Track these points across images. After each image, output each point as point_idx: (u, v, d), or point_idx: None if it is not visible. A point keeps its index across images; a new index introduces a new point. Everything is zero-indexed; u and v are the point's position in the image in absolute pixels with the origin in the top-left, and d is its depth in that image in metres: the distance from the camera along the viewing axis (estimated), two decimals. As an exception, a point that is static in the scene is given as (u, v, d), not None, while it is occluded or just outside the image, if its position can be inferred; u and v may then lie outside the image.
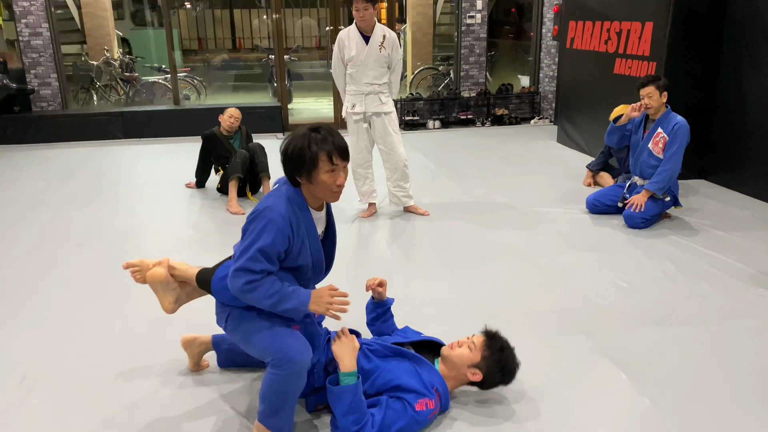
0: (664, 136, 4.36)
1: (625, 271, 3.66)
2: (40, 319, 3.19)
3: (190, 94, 10.44)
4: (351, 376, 2.15)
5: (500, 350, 2.28)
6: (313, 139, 2.07)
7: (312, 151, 2.06)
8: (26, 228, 4.66)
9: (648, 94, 4.34)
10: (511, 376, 2.32)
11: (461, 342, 2.32)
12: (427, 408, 2.17)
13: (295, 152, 2.07)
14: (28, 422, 2.34)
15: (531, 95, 9.24)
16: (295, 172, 2.11)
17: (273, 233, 2.03)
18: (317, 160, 2.07)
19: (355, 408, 2.10)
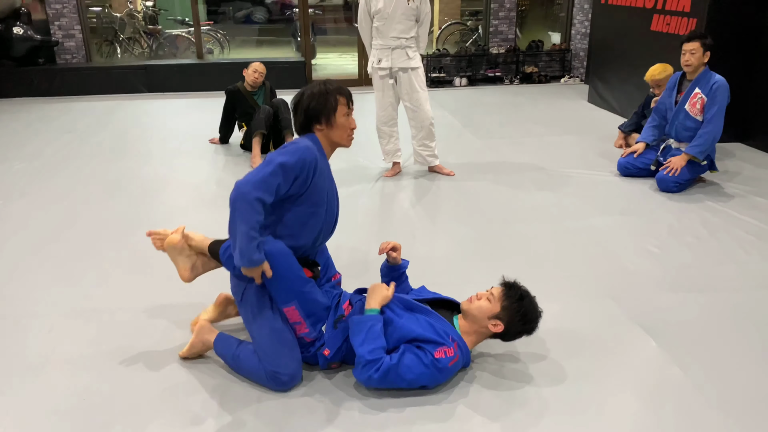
0: (702, 96, 4.18)
1: (657, 235, 3.56)
2: (66, 271, 3.22)
3: (213, 48, 10.34)
4: (374, 311, 2.20)
5: (520, 299, 2.25)
6: (329, 86, 2.27)
7: (332, 95, 2.25)
8: (52, 181, 4.68)
9: (691, 50, 4.14)
10: (534, 325, 2.28)
11: (480, 295, 2.30)
12: (446, 356, 2.15)
13: (314, 99, 2.24)
14: (59, 370, 2.37)
15: (562, 53, 8.96)
16: (314, 119, 2.26)
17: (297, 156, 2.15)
18: (337, 103, 2.25)
19: (372, 338, 2.13)
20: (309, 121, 2.27)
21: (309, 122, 2.27)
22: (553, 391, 2.23)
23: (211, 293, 2.85)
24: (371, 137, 5.12)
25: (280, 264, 2.16)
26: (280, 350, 2.19)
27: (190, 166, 5.03)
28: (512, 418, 2.10)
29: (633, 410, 2.13)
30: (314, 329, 2.26)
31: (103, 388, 2.28)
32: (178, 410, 2.16)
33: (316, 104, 2.24)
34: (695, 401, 2.17)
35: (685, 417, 2.10)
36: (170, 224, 3.79)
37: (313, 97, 2.24)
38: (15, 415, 2.14)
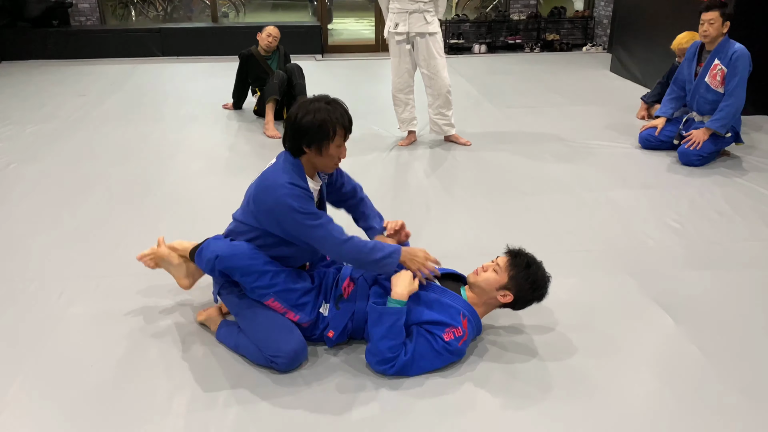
0: (722, 68, 4.03)
1: (678, 210, 3.46)
2: (78, 235, 3.20)
3: (228, 12, 10.19)
4: (399, 303, 2.11)
5: (527, 266, 2.18)
6: (332, 112, 2.10)
7: (333, 126, 2.10)
8: (66, 144, 4.66)
9: (710, 20, 3.98)
10: (543, 291, 2.22)
11: (486, 266, 2.24)
12: (455, 336, 2.12)
13: (316, 124, 2.08)
14: (67, 334, 2.36)
15: (585, 20, 8.72)
16: (308, 143, 2.11)
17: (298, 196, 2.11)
18: (335, 135, 2.11)
19: (394, 334, 2.08)
20: (300, 143, 2.12)
21: (300, 144, 2.13)
22: (563, 366, 2.19)
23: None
24: (386, 105, 5.02)
25: (241, 264, 2.13)
26: (274, 334, 2.14)
27: (202, 132, 4.98)
28: (519, 392, 2.06)
29: (647, 389, 2.08)
30: (304, 314, 2.20)
31: (112, 353, 2.27)
32: (186, 376, 2.14)
33: (315, 131, 2.08)
34: (714, 381, 2.11)
35: (703, 398, 2.04)
36: (184, 190, 3.78)
37: (314, 123, 2.07)
38: (23, 379, 2.13)
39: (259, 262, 2.15)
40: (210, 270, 2.20)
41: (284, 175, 2.12)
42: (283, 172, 2.14)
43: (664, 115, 4.44)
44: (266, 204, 2.12)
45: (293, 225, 2.11)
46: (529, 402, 2.03)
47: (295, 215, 2.09)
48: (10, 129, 5.02)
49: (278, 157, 2.22)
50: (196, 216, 3.43)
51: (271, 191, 2.10)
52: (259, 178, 2.18)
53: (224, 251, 2.15)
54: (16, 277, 2.80)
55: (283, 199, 2.08)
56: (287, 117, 2.15)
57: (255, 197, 2.16)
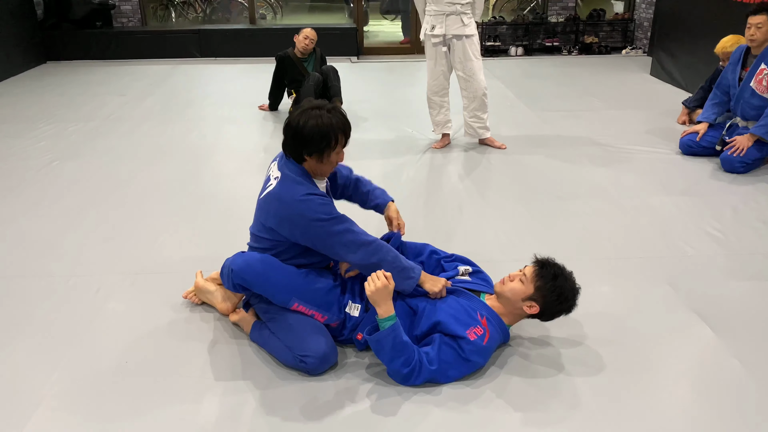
0: None
1: (720, 219, 3.36)
2: (115, 232, 3.26)
3: (266, 14, 10.30)
4: (389, 320, 2.03)
5: (554, 278, 2.11)
6: (333, 120, 2.10)
7: (335, 133, 2.10)
8: (106, 142, 4.76)
9: (757, 24, 3.86)
10: (571, 303, 2.15)
11: (512, 276, 2.18)
12: (477, 335, 2.08)
13: (317, 132, 2.08)
14: (103, 330, 2.40)
15: (624, 22, 8.55)
16: (310, 151, 2.11)
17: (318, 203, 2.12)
18: (337, 142, 2.12)
19: (399, 350, 2.02)
20: (302, 151, 2.12)
21: (302, 152, 2.12)
22: (593, 381, 2.13)
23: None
24: (421, 107, 5.01)
25: (256, 274, 2.13)
26: (304, 334, 2.13)
27: (239, 132, 5.04)
28: (544, 407, 2.02)
29: (684, 406, 2.02)
30: (331, 314, 2.19)
31: (146, 349, 2.30)
32: (219, 374, 2.16)
33: (317, 140, 2.08)
34: (756, 397, 2.04)
35: (746, 414, 1.97)
36: (219, 190, 3.82)
37: (316, 130, 2.07)
38: (60, 373, 2.18)
39: (274, 270, 2.15)
40: (231, 286, 2.21)
41: (299, 187, 2.12)
42: (296, 183, 2.13)
43: (707, 120, 4.32)
44: (289, 219, 2.11)
45: (319, 234, 2.11)
46: (555, 418, 1.98)
47: (321, 224, 2.09)
48: (54, 127, 5.16)
49: (281, 169, 2.20)
50: (231, 215, 3.46)
51: (293, 206, 2.10)
52: (273, 196, 2.15)
53: (238, 264, 2.15)
54: (55, 272, 2.86)
55: (306, 212, 2.08)
56: (286, 124, 2.14)
57: (276, 214, 2.14)
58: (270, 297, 2.17)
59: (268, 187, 2.22)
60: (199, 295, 2.56)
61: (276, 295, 2.16)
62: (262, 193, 2.24)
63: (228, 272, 2.19)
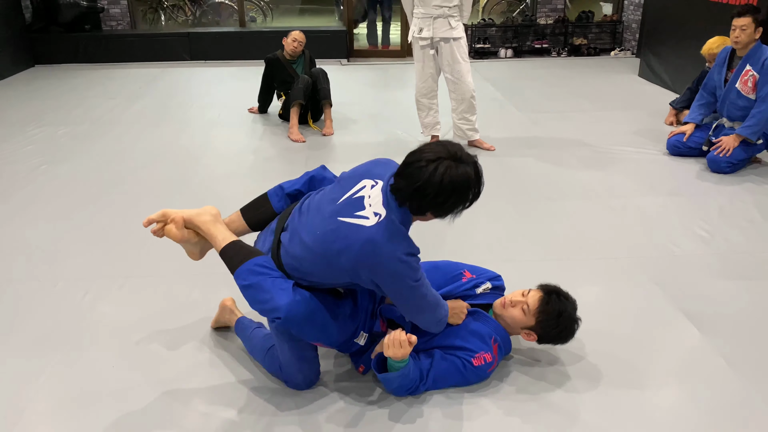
0: (753, 74, 3.94)
1: (707, 218, 3.39)
2: (105, 235, 3.25)
3: (256, 16, 10.29)
4: (401, 363, 1.94)
5: (558, 315, 2.04)
6: (475, 187, 1.85)
7: (469, 201, 1.86)
8: (96, 146, 4.75)
9: (742, 26, 3.89)
10: (571, 337, 2.12)
11: (514, 302, 2.11)
12: (485, 362, 2.06)
13: (456, 198, 1.81)
14: (90, 334, 2.40)
15: (613, 24, 8.61)
16: (437, 212, 1.84)
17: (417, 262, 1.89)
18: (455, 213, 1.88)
19: (405, 385, 2.00)
20: (425, 210, 1.84)
21: (425, 211, 1.84)
22: (580, 376, 2.15)
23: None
24: (410, 109, 5.02)
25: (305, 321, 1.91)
26: (299, 365, 2.06)
27: (228, 135, 5.03)
28: (537, 403, 2.03)
29: (671, 403, 2.04)
30: (342, 348, 2.11)
31: (133, 353, 2.29)
32: (207, 377, 2.15)
33: (453, 207, 1.83)
34: (741, 395, 2.06)
35: (731, 411, 1.99)
36: (209, 193, 3.82)
37: (459, 198, 1.81)
38: (47, 377, 2.17)
39: (313, 321, 1.92)
40: (264, 314, 1.96)
41: (402, 244, 1.83)
42: (401, 238, 1.83)
43: (693, 121, 4.36)
44: (373, 269, 1.82)
45: (402, 293, 1.88)
46: (542, 414, 2.00)
47: (410, 288, 1.86)
48: (43, 130, 5.13)
49: (386, 206, 1.85)
50: (220, 218, 3.45)
51: (389, 263, 1.80)
52: (368, 239, 1.80)
53: (291, 314, 1.86)
54: (42, 276, 2.85)
55: (401, 274, 1.82)
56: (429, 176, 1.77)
57: (359, 259, 1.81)
58: (299, 336, 1.97)
59: (356, 214, 1.85)
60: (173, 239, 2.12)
61: (307, 337, 1.98)
62: (340, 216, 1.87)
63: (273, 314, 1.88)
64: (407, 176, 1.80)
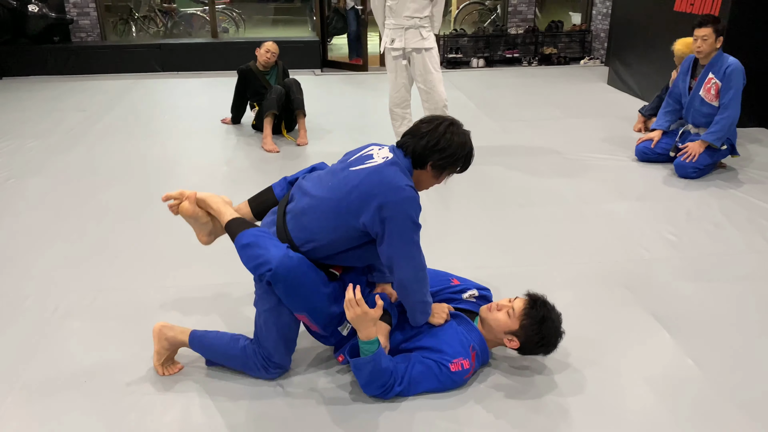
0: (716, 82, 4.05)
1: (675, 223, 3.46)
2: (75, 249, 3.21)
3: (228, 27, 10.27)
4: (371, 344, 1.99)
5: (541, 321, 2.08)
6: (471, 149, 2.12)
7: (465, 159, 2.11)
8: (66, 159, 4.68)
9: (703, 36, 4.00)
10: (551, 348, 2.15)
11: (501, 306, 2.16)
12: (462, 368, 2.08)
13: (459, 152, 2.07)
14: (60, 349, 2.36)
15: (582, 33, 8.77)
16: (437, 163, 2.06)
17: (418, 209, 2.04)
18: (460, 168, 2.12)
19: (377, 376, 2.01)
20: (428, 158, 2.05)
21: (427, 160, 2.06)
22: (554, 379, 2.18)
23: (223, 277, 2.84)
24: (384, 119, 5.05)
25: (295, 280, 1.99)
26: (280, 345, 2.12)
27: (201, 146, 5.00)
28: (514, 405, 2.05)
29: (643, 405, 2.07)
30: (326, 331, 2.14)
31: (105, 369, 2.26)
32: (179, 391, 2.14)
33: (453, 157, 2.06)
34: (710, 396, 2.11)
35: (700, 412, 2.03)
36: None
37: (459, 150, 2.06)
38: (17, 394, 2.13)
39: (305, 285, 2.01)
40: (255, 273, 2.03)
41: (407, 180, 2.02)
42: (404, 173, 2.04)
43: (660, 128, 4.46)
44: (384, 201, 1.95)
45: (398, 232, 1.98)
46: (524, 415, 2.02)
47: (408, 223, 1.98)
48: (10, 144, 5.05)
49: (393, 151, 2.10)
50: (194, 230, 3.43)
51: (396, 191, 1.97)
52: (377, 172, 2.00)
53: (282, 266, 1.97)
54: (11, 292, 2.80)
55: (405, 203, 1.97)
56: (432, 128, 2.06)
57: (369, 191, 1.97)
58: (285, 301, 2.04)
59: (366, 162, 2.06)
60: (183, 216, 2.28)
61: (293, 305, 2.05)
62: (351, 167, 2.08)
63: (263, 267, 1.98)
64: (413, 131, 2.09)
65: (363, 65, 8.36)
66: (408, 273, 2.05)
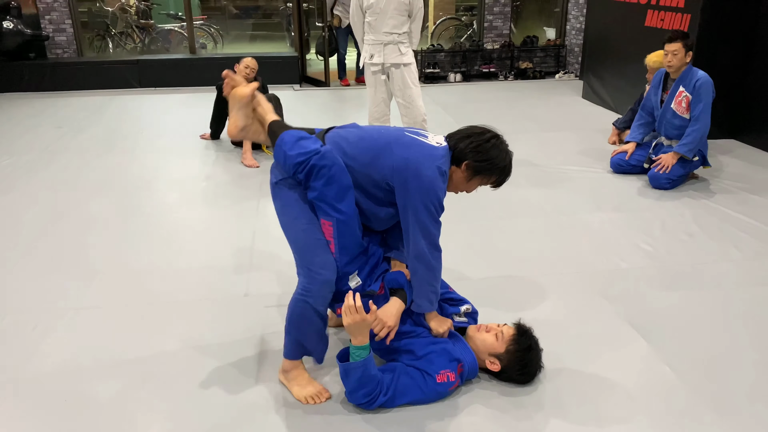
0: (686, 95, 4.16)
1: (650, 232, 3.54)
2: (54, 266, 3.17)
3: (206, 43, 10.27)
4: (362, 350, 2.02)
5: (527, 349, 2.16)
6: (509, 162, 2.17)
7: (504, 172, 2.17)
8: (43, 176, 4.63)
9: (673, 51, 4.12)
10: (530, 378, 2.21)
11: (490, 327, 2.22)
12: (448, 380, 2.10)
13: (496, 161, 2.13)
14: (41, 368, 2.33)
15: (556, 48, 8.94)
16: (473, 165, 2.11)
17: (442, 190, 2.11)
18: (494, 179, 2.17)
19: (364, 382, 2.03)
20: (464, 158, 2.12)
21: (464, 159, 2.12)
22: (538, 390, 2.21)
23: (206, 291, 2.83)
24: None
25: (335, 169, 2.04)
26: (315, 249, 2.10)
27: (180, 162, 4.99)
28: (497, 413, 2.08)
29: (622, 413, 2.11)
30: (340, 258, 2.11)
31: (86, 387, 2.24)
32: (161, 412, 2.12)
33: (487, 163, 2.12)
34: (687, 401, 2.15)
35: (677, 417, 2.07)
36: (163, 220, 3.77)
37: (495, 158, 2.12)
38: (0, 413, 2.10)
39: (347, 181, 2.07)
40: (294, 160, 2.04)
41: (446, 165, 2.10)
42: (443, 160, 2.10)
43: (634, 140, 4.56)
44: (418, 169, 2.03)
45: (422, 206, 2.05)
46: (505, 423, 2.04)
47: (434, 201, 2.06)
48: (-15, 162, 4.99)
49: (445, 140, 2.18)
50: (174, 246, 3.42)
51: (430, 166, 2.05)
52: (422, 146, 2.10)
53: (327, 152, 2.04)
54: (-10, 311, 2.76)
55: (435, 182, 2.05)
56: (478, 132, 2.15)
57: (410, 155, 2.06)
58: (318, 197, 2.05)
59: (419, 136, 2.15)
60: (232, 98, 2.23)
61: (325, 201, 2.05)
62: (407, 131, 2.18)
63: (306, 152, 2.03)
64: (463, 131, 2.17)
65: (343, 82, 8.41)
66: (424, 246, 2.09)
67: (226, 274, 3.09)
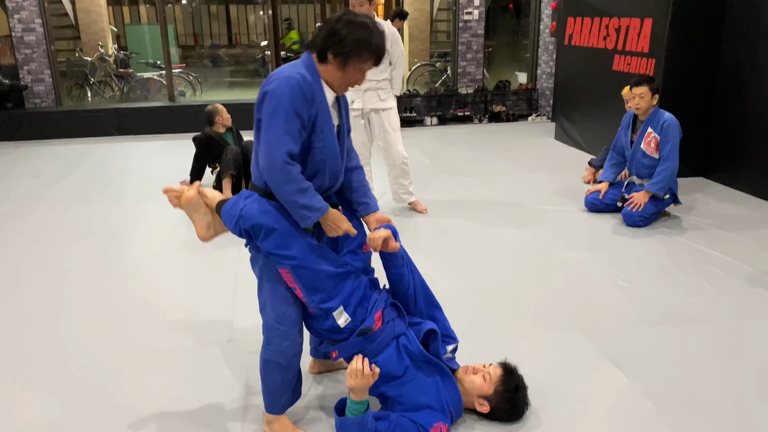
0: (655, 135, 4.33)
1: (625, 269, 3.62)
2: (34, 316, 3.14)
3: (185, 91, 10.37)
4: (360, 405, 2.01)
5: (515, 389, 2.19)
6: (376, 36, 2.00)
7: (371, 46, 1.99)
8: (20, 225, 4.60)
9: (641, 94, 4.30)
10: (519, 416, 2.24)
11: (477, 369, 2.23)
12: (439, 431, 2.09)
13: (354, 35, 1.96)
14: (20, 421, 2.29)
15: (528, 92, 9.20)
16: (336, 50, 1.98)
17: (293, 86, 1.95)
18: (367, 56, 2.01)
19: None
20: (327, 48, 1.99)
21: (327, 49, 1.99)
22: (520, 429, 2.23)
23: (187, 338, 2.81)
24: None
25: (264, 223, 2.00)
26: (273, 303, 2.10)
27: (160, 209, 4.98)
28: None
29: (607, 445, 2.14)
30: (312, 300, 2.07)
31: (69, 439, 2.21)
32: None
33: (351, 44, 1.96)
34: (667, 434, 2.19)
35: (658, 450, 2.11)
36: (143, 268, 3.76)
37: (354, 33, 1.96)
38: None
39: (284, 227, 2.01)
40: (235, 229, 2.06)
41: (298, 69, 1.99)
42: (297, 67, 2.00)
43: (607, 179, 4.69)
44: (268, 87, 1.96)
45: (268, 113, 1.96)
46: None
47: (278, 102, 1.94)
48: (-39, 212, 4.94)
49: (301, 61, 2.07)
50: (156, 294, 3.41)
51: (276, 78, 1.96)
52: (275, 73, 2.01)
53: (249, 210, 2.01)
54: (-33, 364, 2.72)
55: (282, 86, 1.94)
56: (328, 18, 2.03)
57: (264, 85, 2.00)
58: (265, 247, 2.01)
59: None
60: (185, 207, 2.32)
61: (273, 255, 2.01)
62: None
63: (236, 214, 2.02)
64: (322, 26, 2.04)
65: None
66: (263, 160, 1.98)
67: (209, 320, 3.09)
